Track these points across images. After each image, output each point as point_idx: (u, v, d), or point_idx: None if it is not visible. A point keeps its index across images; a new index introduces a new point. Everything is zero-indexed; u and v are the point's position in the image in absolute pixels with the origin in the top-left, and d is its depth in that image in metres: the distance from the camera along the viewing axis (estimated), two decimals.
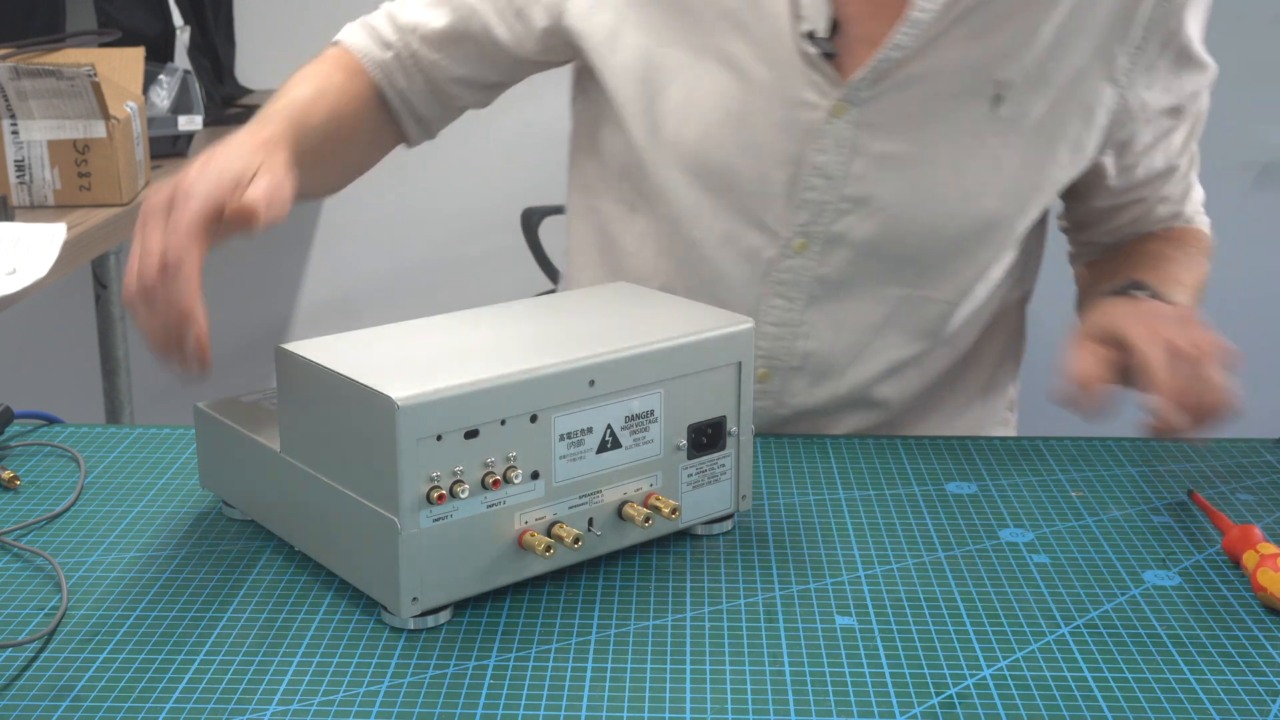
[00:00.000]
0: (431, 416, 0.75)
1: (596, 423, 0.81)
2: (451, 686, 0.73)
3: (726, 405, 0.87)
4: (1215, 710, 0.71)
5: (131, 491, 0.96)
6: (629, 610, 0.80)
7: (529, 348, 0.82)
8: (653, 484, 0.85)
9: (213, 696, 0.72)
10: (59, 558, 0.87)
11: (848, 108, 1.03)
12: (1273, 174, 2.33)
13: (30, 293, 1.50)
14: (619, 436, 0.83)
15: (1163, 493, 0.97)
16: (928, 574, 0.85)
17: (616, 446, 0.83)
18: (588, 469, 0.82)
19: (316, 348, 0.82)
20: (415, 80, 1.16)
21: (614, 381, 0.81)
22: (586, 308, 0.91)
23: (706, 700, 0.71)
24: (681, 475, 0.86)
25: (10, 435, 1.06)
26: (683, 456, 0.86)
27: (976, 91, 1.03)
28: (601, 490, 0.83)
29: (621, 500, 0.84)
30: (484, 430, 0.77)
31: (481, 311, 0.90)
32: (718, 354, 0.86)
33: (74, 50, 1.87)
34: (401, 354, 0.82)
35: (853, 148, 1.03)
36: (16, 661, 0.75)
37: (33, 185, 1.78)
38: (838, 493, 0.96)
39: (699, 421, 0.86)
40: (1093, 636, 0.78)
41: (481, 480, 0.78)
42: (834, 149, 1.04)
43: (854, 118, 1.03)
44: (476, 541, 0.79)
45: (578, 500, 0.82)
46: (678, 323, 0.87)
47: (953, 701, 0.71)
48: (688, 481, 0.86)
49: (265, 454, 0.85)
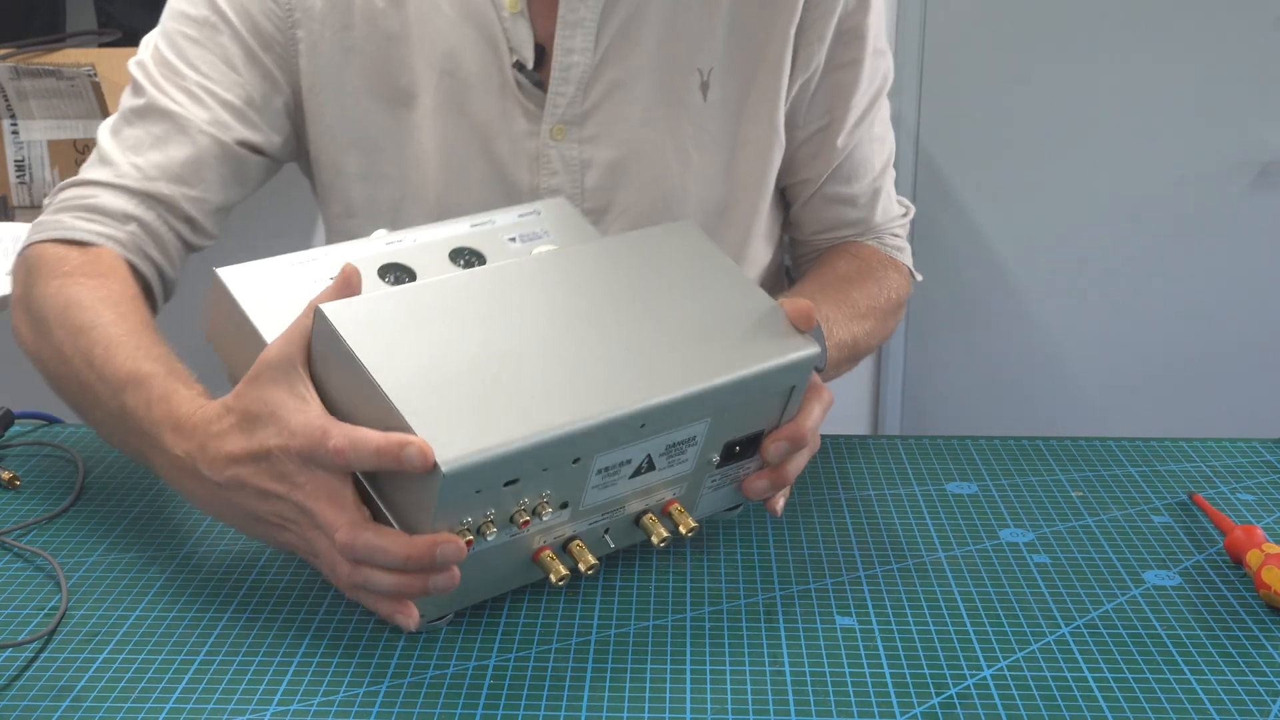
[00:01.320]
0: (475, 477, 0.71)
1: (636, 455, 0.78)
2: (451, 686, 0.73)
3: (769, 420, 0.84)
4: (1215, 710, 0.71)
5: (131, 491, 0.96)
6: (629, 610, 0.80)
7: (578, 384, 0.75)
8: (675, 492, 0.83)
9: (213, 696, 0.72)
10: (59, 558, 0.87)
11: (566, 129, 1.06)
12: (1273, 174, 2.33)
13: None
14: (655, 461, 0.80)
15: (1163, 493, 0.97)
16: (928, 574, 0.85)
17: (651, 470, 0.80)
18: (618, 492, 0.79)
19: (359, 333, 0.74)
20: (166, 240, 1.03)
21: (665, 422, 0.77)
22: (642, 294, 0.82)
23: (706, 700, 0.71)
24: (706, 483, 0.85)
25: (10, 435, 1.06)
26: (712, 468, 0.83)
27: (684, 84, 1.07)
28: (625, 505, 0.81)
29: (642, 509, 0.82)
30: (524, 478, 0.74)
31: (520, 291, 0.80)
32: (777, 382, 0.81)
33: (74, 50, 1.87)
34: (443, 365, 0.74)
35: (581, 165, 1.07)
36: (16, 661, 0.75)
37: (33, 185, 1.78)
38: (838, 493, 0.96)
39: (738, 438, 0.83)
40: (1093, 636, 0.78)
41: (511, 517, 0.75)
42: (564, 170, 1.07)
43: (575, 136, 1.06)
44: (492, 564, 0.77)
45: (600, 518, 0.80)
46: (741, 342, 0.80)
47: (953, 701, 0.71)
48: (710, 486, 0.85)
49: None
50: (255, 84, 1.05)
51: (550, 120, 1.06)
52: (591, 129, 1.07)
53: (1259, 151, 2.30)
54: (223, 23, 1.04)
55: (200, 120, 1.03)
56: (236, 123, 1.04)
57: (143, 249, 1.01)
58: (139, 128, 1.03)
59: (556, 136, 1.06)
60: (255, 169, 1.07)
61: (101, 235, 0.99)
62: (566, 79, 1.05)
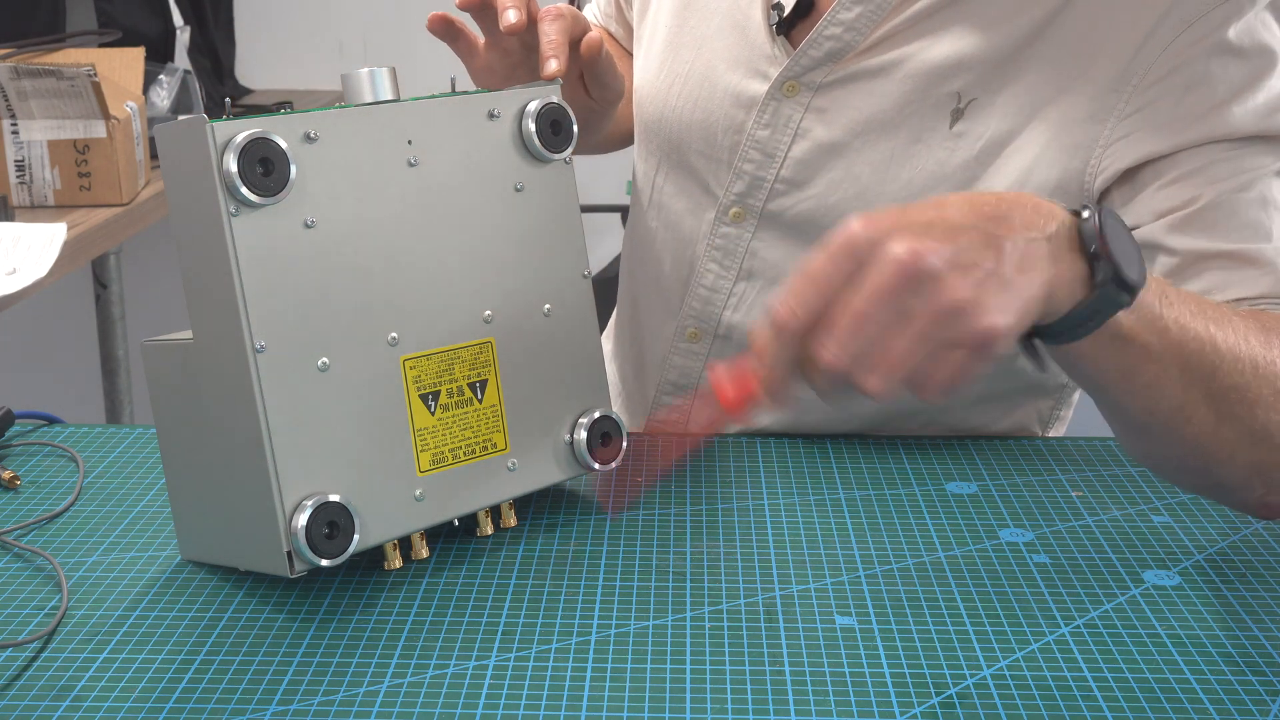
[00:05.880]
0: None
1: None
2: (451, 686, 0.73)
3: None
4: (1215, 710, 0.71)
5: (131, 491, 0.96)
6: (629, 610, 0.80)
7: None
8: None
9: (213, 696, 0.72)
10: (59, 558, 0.87)
11: (800, 89, 1.03)
12: None
13: (30, 293, 1.51)
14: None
15: (1163, 493, 0.97)
16: (928, 574, 0.85)
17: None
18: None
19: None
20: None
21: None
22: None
23: (706, 700, 0.71)
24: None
25: (10, 435, 1.06)
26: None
27: (936, 103, 0.99)
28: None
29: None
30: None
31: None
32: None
33: (74, 50, 1.87)
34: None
35: (797, 131, 1.03)
36: (16, 661, 0.75)
37: (33, 185, 1.78)
38: (838, 493, 0.96)
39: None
40: (1093, 636, 0.78)
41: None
42: (778, 126, 1.04)
43: (805, 100, 1.03)
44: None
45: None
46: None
47: (953, 701, 0.71)
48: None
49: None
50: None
51: (788, 75, 1.02)
52: (825, 102, 1.02)
53: None
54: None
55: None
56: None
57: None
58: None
59: (789, 93, 1.03)
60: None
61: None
62: (817, 41, 1.01)
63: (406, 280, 0.83)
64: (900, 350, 0.65)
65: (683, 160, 1.10)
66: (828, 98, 1.02)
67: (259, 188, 0.76)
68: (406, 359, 0.83)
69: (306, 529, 0.77)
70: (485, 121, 0.87)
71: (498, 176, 0.87)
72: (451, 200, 0.85)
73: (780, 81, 1.03)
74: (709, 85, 1.07)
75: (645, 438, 1.05)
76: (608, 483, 0.96)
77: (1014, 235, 0.67)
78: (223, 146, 0.75)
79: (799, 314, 0.67)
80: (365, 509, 0.80)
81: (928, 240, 0.65)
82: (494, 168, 0.87)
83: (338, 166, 0.80)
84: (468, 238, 0.86)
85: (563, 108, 0.89)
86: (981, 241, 0.66)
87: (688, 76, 1.09)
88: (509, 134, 0.88)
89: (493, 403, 0.87)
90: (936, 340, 0.65)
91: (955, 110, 0.99)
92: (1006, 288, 0.65)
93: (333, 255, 0.80)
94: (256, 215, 0.77)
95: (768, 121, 1.04)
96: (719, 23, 1.08)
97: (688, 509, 0.93)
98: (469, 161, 0.86)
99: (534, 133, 0.88)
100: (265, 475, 0.77)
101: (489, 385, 0.86)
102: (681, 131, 1.09)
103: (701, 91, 1.08)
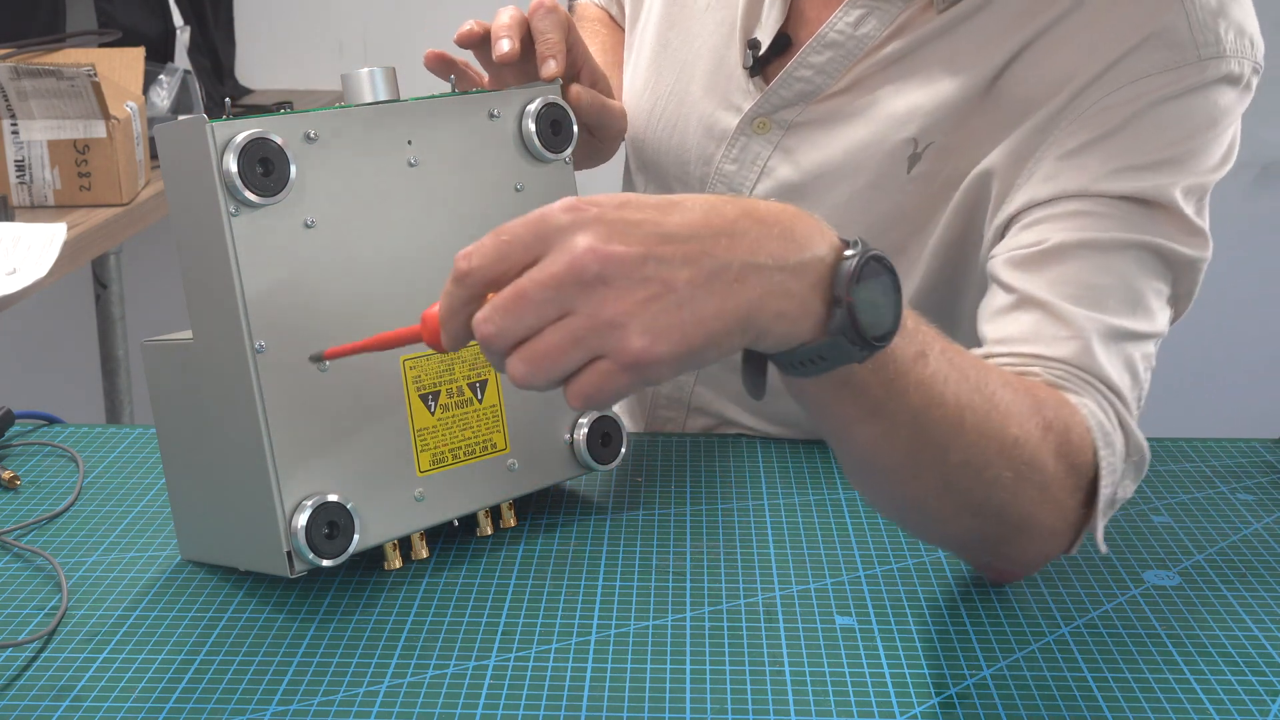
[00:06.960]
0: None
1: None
2: (451, 686, 0.73)
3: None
4: (1215, 710, 0.71)
5: (131, 491, 0.96)
6: (629, 610, 0.80)
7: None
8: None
9: (213, 696, 0.72)
10: (59, 558, 0.87)
11: (771, 127, 1.02)
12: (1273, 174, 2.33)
13: (30, 293, 1.51)
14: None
15: (1162, 493, 0.97)
16: (928, 574, 0.85)
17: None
18: None
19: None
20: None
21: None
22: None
23: (706, 700, 0.71)
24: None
25: (10, 435, 1.06)
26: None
27: (892, 149, 0.97)
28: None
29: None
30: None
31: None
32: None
33: (74, 50, 1.87)
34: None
35: (763, 170, 1.03)
36: (16, 661, 0.75)
37: (33, 185, 1.78)
38: (838, 493, 0.96)
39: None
40: (1093, 636, 0.78)
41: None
42: (745, 163, 1.03)
43: (775, 139, 1.02)
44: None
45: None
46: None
47: (953, 701, 0.71)
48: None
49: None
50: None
51: (758, 111, 1.02)
52: (793, 141, 1.02)
53: (1259, 151, 2.30)
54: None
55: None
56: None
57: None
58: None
59: (760, 130, 1.02)
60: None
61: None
62: (787, 82, 1.00)
63: (406, 280, 0.82)
64: (549, 344, 0.60)
65: (663, 182, 1.10)
66: (797, 137, 1.02)
67: (259, 188, 0.76)
68: (406, 359, 0.83)
69: (306, 529, 0.77)
70: (485, 121, 0.87)
71: (498, 176, 0.87)
72: (451, 200, 0.85)
73: (750, 117, 1.02)
74: (685, 110, 1.07)
75: (645, 438, 1.05)
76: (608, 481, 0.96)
77: (728, 256, 0.62)
78: (223, 146, 0.75)
79: (475, 266, 0.63)
80: (365, 509, 0.80)
81: (617, 243, 0.60)
82: (494, 168, 0.87)
83: (338, 166, 0.80)
84: (468, 238, 0.85)
85: (563, 108, 0.90)
86: (680, 257, 0.61)
87: (668, 98, 1.08)
88: (509, 134, 0.88)
89: (492, 403, 0.87)
90: (588, 347, 0.60)
91: (913, 155, 0.97)
92: (679, 312, 0.60)
93: (333, 255, 0.80)
94: (256, 215, 0.77)
95: (735, 157, 1.04)
96: (699, 47, 1.07)
97: (688, 509, 0.93)
98: (469, 162, 0.86)
99: (534, 133, 0.88)
100: (265, 475, 0.77)
101: (489, 385, 0.86)
102: (660, 154, 1.09)
103: (679, 115, 1.07)
